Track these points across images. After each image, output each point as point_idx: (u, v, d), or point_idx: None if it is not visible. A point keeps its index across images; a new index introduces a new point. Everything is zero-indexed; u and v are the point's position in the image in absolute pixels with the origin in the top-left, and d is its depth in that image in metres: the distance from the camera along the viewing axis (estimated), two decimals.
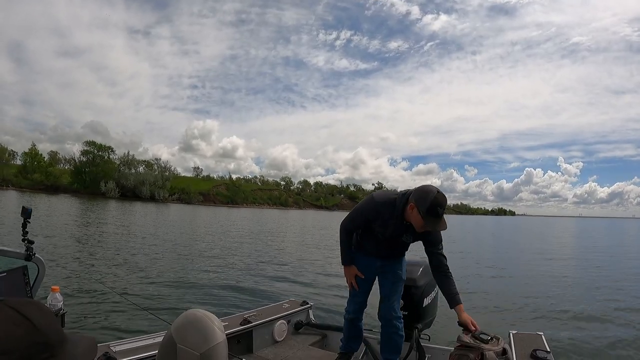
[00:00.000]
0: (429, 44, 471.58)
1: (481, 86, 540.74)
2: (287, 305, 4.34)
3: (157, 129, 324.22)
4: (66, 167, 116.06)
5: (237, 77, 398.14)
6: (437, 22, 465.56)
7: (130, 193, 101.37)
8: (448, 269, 3.14)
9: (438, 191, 2.87)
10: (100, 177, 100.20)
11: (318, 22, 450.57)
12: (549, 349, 3.13)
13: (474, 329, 3.07)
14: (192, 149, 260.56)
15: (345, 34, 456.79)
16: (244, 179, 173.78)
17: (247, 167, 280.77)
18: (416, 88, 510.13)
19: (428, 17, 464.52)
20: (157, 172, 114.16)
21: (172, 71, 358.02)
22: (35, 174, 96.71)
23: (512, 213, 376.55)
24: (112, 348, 2.68)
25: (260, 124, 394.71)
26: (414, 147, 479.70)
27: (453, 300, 3.10)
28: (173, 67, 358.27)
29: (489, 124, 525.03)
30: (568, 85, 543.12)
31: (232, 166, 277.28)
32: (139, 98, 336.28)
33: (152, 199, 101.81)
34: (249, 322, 3.67)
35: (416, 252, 3.20)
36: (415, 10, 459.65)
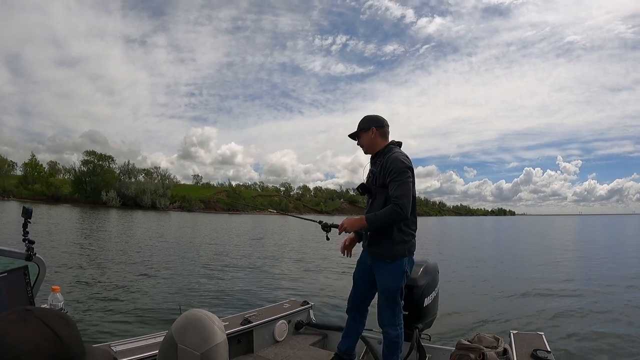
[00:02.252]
0: (425, 46, 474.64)
1: (478, 87, 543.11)
2: (287, 305, 4.33)
3: (156, 138, 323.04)
4: (66, 177, 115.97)
5: (234, 83, 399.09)
6: (432, 25, 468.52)
7: (131, 202, 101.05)
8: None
9: None
10: (102, 186, 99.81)
11: (314, 27, 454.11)
12: (549, 349, 3.14)
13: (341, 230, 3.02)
14: (190, 157, 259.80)
15: (341, 39, 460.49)
16: (243, 185, 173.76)
17: (245, 173, 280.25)
18: (413, 91, 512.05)
19: (423, 20, 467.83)
20: (157, 181, 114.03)
21: (170, 79, 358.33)
22: (35, 185, 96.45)
23: (512, 213, 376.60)
24: (112, 348, 2.69)
25: (258, 130, 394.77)
26: (413, 149, 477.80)
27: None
28: (170, 75, 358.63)
29: (487, 124, 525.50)
30: (564, 84, 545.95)
31: (231, 173, 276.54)
32: (136, 107, 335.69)
33: (153, 207, 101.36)
34: (250, 322, 3.67)
35: (417, 252, 3.17)
36: (410, 14, 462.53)
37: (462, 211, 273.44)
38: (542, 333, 3.50)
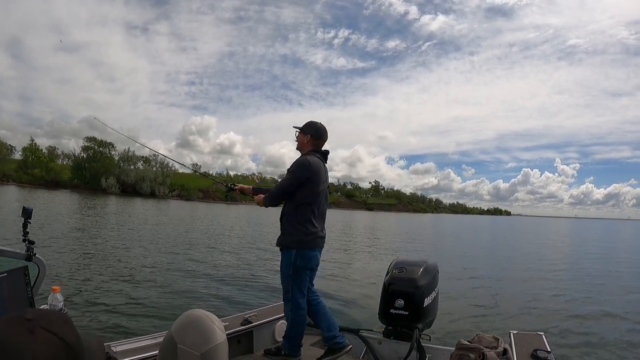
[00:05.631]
0: (427, 43, 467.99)
1: (479, 87, 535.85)
2: None
3: (155, 125, 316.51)
4: (64, 163, 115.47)
5: (235, 74, 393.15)
6: (435, 23, 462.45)
7: (130, 189, 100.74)
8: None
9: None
10: (101, 172, 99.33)
11: (316, 20, 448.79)
12: (549, 349, 3.10)
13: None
14: (189, 145, 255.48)
15: (344, 33, 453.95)
16: (241, 175, 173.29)
17: (243, 163, 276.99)
18: (414, 87, 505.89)
19: (426, 17, 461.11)
20: (156, 169, 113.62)
21: (170, 67, 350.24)
22: (35, 170, 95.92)
23: (508, 213, 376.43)
24: (112, 348, 2.65)
25: (257, 121, 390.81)
26: (411, 146, 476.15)
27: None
28: (171, 63, 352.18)
29: (487, 124, 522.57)
30: (565, 87, 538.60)
31: (229, 162, 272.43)
32: (136, 94, 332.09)
33: (152, 195, 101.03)
34: (250, 322, 3.61)
35: (418, 251, 3.11)
36: (414, 10, 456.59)
37: (458, 209, 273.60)
38: (542, 333, 3.47)
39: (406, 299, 3.48)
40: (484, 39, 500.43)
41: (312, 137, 3.44)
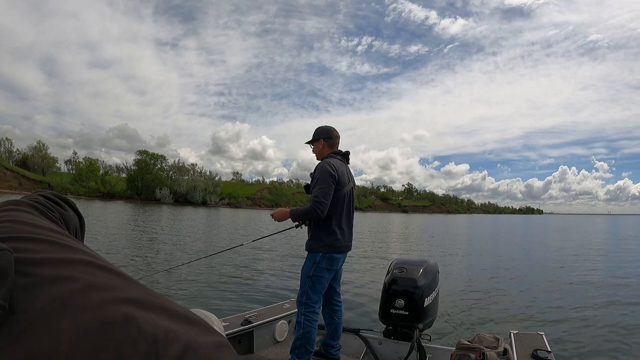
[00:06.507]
0: (449, 46, 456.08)
1: (502, 86, 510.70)
2: (287, 305, 4.15)
3: (185, 134, 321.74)
4: (114, 175, 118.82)
5: (263, 83, 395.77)
6: (455, 26, 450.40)
7: (182, 199, 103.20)
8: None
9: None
10: (154, 184, 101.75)
11: (340, 29, 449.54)
12: (550, 349, 2.96)
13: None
14: (221, 151, 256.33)
15: (367, 40, 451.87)
16: (279, 182, 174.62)
17: (274, 168, 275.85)
18: (438, 89, 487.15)
19: (446, 21, 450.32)
20: (205, 178, 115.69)
21: (200, 80, 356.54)
22: (90, 182, 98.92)
23: (540, 211, 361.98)
24: None
25: (285, 128, 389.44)
26: (438, 147, 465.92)
27: None
28: (200, 75, 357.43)
29: (511, 122, 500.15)
30: (589, 83, 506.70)
31: (260, 167, 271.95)
32: (167, 106, 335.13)
33: (203, 204, 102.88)
34: (250, 322, 3.52)
35: (419, 250, 2.97)
36: (433, 15, 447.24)
37: (490, 209, 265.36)
38: (542, 333, 3.30)
39: (406, 299, 3.36)
40: (505, 39, 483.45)
41: (325, 139, 3.29)
